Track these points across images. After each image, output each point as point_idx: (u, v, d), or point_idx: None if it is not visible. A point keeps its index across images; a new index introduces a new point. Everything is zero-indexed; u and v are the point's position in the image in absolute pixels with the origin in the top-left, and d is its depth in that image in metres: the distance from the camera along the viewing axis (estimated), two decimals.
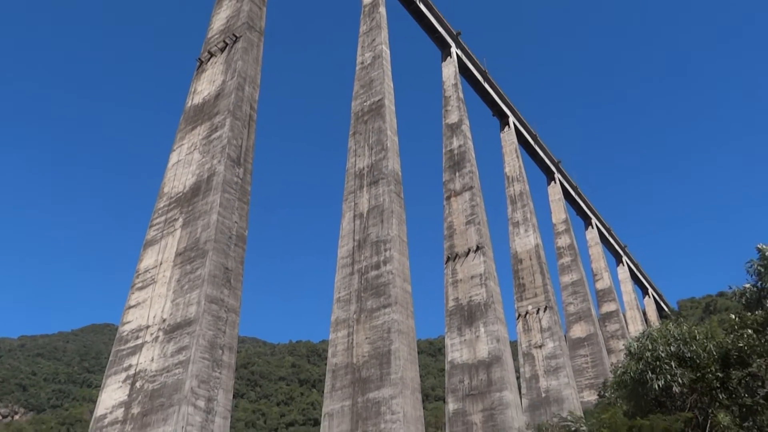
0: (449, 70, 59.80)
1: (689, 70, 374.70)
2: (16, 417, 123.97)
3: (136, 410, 23.70)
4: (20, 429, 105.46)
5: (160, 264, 27.95)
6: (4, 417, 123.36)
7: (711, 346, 18.22)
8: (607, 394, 23.23)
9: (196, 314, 24.53)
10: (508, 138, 68.59)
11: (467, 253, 47.05)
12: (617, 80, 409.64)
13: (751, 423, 17.57)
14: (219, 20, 37.43)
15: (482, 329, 42.90)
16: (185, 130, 33.30)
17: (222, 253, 26.75)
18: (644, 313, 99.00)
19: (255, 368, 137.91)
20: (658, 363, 18.27)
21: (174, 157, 32.53)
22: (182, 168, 31.42)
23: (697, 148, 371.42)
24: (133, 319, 26.95)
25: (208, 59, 35.65)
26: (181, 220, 28.92)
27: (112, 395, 24.84)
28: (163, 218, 29.97)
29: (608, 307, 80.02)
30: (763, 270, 18.05)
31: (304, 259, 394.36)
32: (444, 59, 61.11)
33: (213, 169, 29.39)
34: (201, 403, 22.81)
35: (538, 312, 55.45)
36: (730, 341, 18.17)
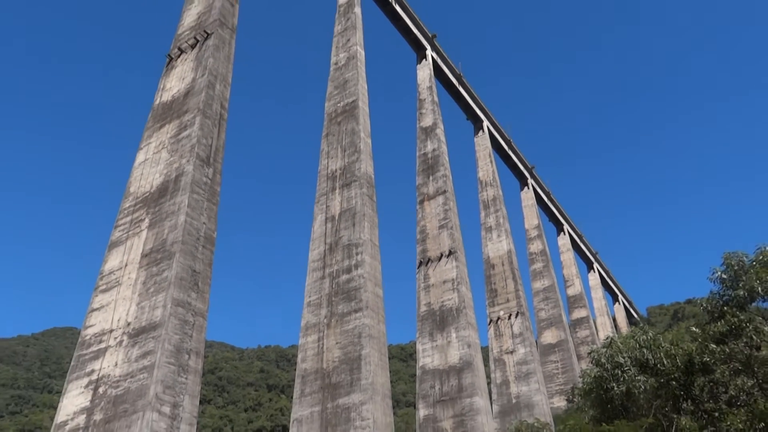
0: (424, 72, 60.18)
1: (682, 74, 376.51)
2: None
3: (98, 416, 23.38)
4: None
5: (125, 266, 27.68)
6: None
7: (676, 353, 18.73)
8: (575, 400, 23.77)
9: (162, 318, 24.34)
10: (482, 142, 69.19)
11: (440, 258, 47.36)
12: (595, 86, 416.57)
13: (713, 429, 18.06)
14: (190, 16, 37.18)
15: (454, 334, 43.19)
16: (153, 128, 33.10)
17: (189, 255, 26.62)
18: (614, 320, 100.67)
19: (222, 373, 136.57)
20: (617, 370, 18.79)
21: (141, 156, 32.30)
22: (149, 167, 31.21)
23: (664, 152, 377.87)
24: (97, 322, 26.60)
25: (178, 56, 35.34)
26: (147, 220, 28.75)
27: (73, 401, 24.44)
28: (128, 219, 29.69)
29: (579, 313, 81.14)
30: (726, 278, 18.54)
31: (275, 263, 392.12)
32: (419, 62, 61.49)
33: (181, 168, 29.25)
34: (166, 409, 22.59)
35: (509, 318, 56.03)
36: (694, 349, 18.66)
